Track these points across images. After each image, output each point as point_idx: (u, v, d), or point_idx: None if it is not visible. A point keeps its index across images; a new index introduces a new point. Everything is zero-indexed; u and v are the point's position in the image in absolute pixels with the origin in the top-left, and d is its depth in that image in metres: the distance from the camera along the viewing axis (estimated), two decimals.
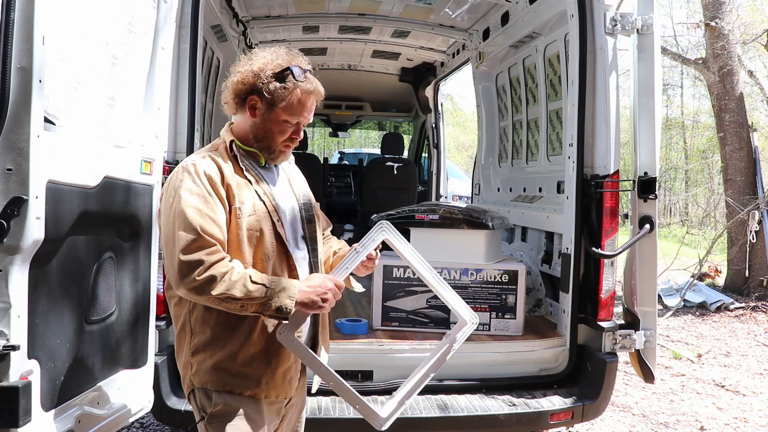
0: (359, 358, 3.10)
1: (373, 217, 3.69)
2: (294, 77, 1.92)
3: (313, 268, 2.06)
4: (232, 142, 1.98)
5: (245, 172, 1.96)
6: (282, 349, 1.94)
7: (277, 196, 2.01)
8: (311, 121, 2.03)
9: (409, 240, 3.52)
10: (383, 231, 2.02)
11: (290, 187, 2.11)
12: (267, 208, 1.94)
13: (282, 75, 1.92)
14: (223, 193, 1.88)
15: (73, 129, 2.13)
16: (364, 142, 18.64)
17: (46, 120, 1.92)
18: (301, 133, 2.02)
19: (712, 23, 8.92)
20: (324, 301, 1.86)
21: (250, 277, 1.79)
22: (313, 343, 2.10)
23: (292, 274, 1.96)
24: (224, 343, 1.90)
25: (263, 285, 1.80)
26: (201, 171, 1.87)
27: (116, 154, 2.41)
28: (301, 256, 2.03)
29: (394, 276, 3.37)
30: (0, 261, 1.81)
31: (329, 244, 2.29)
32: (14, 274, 1.83)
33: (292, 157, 2.18)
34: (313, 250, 2.08)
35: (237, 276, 1.78)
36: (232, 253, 1.87)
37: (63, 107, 2.06)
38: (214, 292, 1.76)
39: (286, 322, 1.87)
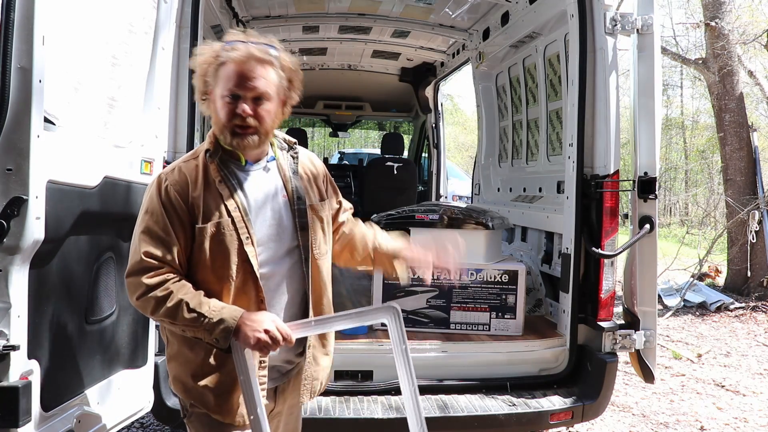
0: (359, 358, 3.10)
1: (373, 217, 3.69)
2: (224, 51, 1.80)
3: (305, 279, 1.92)
4: (207, 151, 1.85)
5: (219, 184, 1.83)
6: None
7: (255, 207, 1.86)
8: (257, 89, 1.78)
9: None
10: (388, 315, 1.88)
11: (284, 190, 1.94)
12: (235, 227, 1.81)
13: (217, 56, 1.81)
14: (185, 211, 1.79)
15: (73, 129, 2.13)
16: (364, 142, 18.65)
17: (46, 120, 1.92)
18: (249, 109, 1.78)
19: (712, 23, 8.92)
20: (259, 343, 1.71)
21: (187, 304, 1.71)
22: (303, 347, 1.98)
23: (259, 295, 1.83)
24: (184, 358, 1.87)
25: (200, 315, 1.72)
26: (164, 187, 1.80)
27: (116, 154, 2.41)
28: (290, 269, 1.90)
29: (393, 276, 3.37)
30: (0, 261, 1.81)
31: (361, 236, 2.17)
32: (14, 274, 1.84)
33: (297, 150, 2.02)
34: (305, 260, 1.92)
35: (173, 302, 1.71)
36: (199, 272, 1.81)
37: (63, 107, 2.06)
38: (150, 315, 1.75)
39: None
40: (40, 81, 1.85)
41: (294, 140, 2.05)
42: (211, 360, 1.83)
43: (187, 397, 1.88)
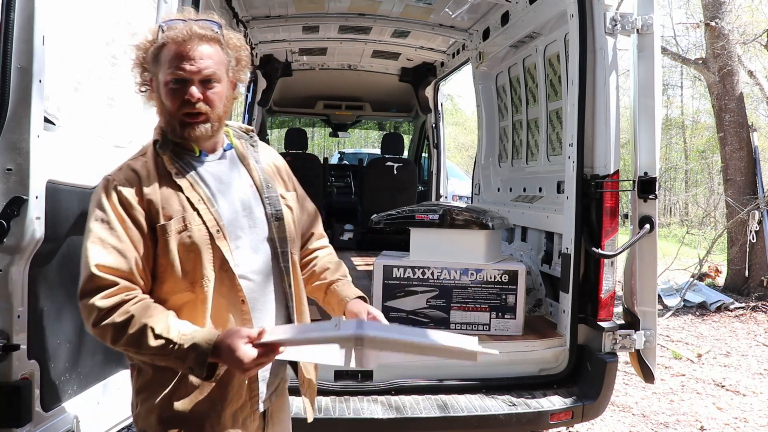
0: None
1: (373, 217, 3.69)
2: (162, 30, 1.62)
3: (284, 274, 1.74)
4: (156, 142, 1.67)
5: (176, 177, 1.63)
6: (231, 383, 1.63)
7: (223, 198, 1.67)
8: (201, 71, 1.60)
9: (408, 240, 3.53)
10: (356, 331, 1.45)
11: (250, 178, 1.76)
12: (202, 219, 1.61)
13: (156, 37, 1.63)
14: (141, 212, 1.57)
15: (73, 129, 2.13)
16: (364, 142, 18.64)
17: (46, 120, 1.92)
18: (197, 93, 1.59)
19: (712, 23, 8.92)
20: (241, 364, 1.48)
21: (153, 330, 1.47)
22: (295, 367, 1.84)
23: (238, 294, 1.63)
24: (165, 381, 1.60)
25: (168, 341, 1.47)
26: (112, 189, 1.58)
27: (116, 154, 2.41)
28: (265, 265, 1.71)
29: (394, 276, 3.37)
30: (0, 261, 1.81)
31: (324, 263, 1.93)
32: (14, 274, 1.84)
33: (255, 139, 1.85)
34: (283, 254, 1.73)
35: (136, 328, 1.47)
36: (167, 278, 1.59)
37: (63, 107, 2.06)
38: (111, 345, 1.50)
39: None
40: (40, 81, 1.85)
41: (251, 128, 1.89)
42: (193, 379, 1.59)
43: (163, 430, 1.61)
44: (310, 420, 1.90)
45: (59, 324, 2.10)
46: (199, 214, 1.61)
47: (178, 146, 1.68)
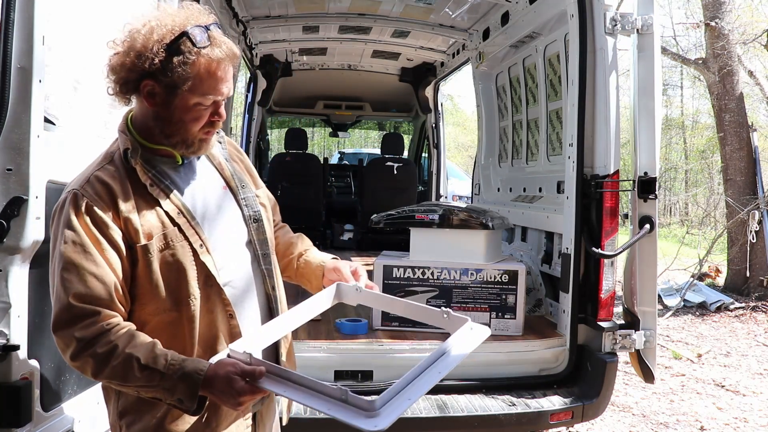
0: (359, 358, 3.10)
1: (373, 217, 3.69)
2: (194, 44, 1.43)
3: (266, 277, 1.66)
4: (126, 151, 1.50)
5: (151, 188, 1.50)
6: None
7: (199, 206, 1.56)
8: (230, 93, 1.53)
9: (408, 240, 3.53)
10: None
11: (222, 179, 1.64)
12: (184, 234, 1.49)
13: (177, 45, 1.43)
14: (117, 231, 1.44)
15: (73, 129, 2.13)
16: (364, 142, 18.64)
17: (46, 120, 1.92)
18: (223, 112, 1.52)
19: (712, 23, 8.92)
20: (236, 401, 1.36)
21: (138, 360, 1.35)
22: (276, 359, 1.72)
23: (227, 308, 1.54)
24: (154, 403, 1.47)
25: (155, 371, 1.36)
26: (82, 206, 1.43)
27: None
28: (248, 270, 1.63)
29: (394, 276, 3.37)
30: (0, 261, 1.81)
31: (286, 240, 1.85)
32: (14, 274, 1.83)
33: (221, 135, 1.70)
34: (264, 255, 1.65)
35: (120, 360, 1.35)
36: (148, 300, 1.47)
37: (63, 107, 2.06)
38: (93, 377, 1.39)
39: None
40: (40, 81, 1.85)
41: None
42: None
43: None
44: (285, 422, 1.86)
45: None
46: (180, 230, 1.50)
47: (148, 152, 1.53)
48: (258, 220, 1.66)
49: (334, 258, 1.82)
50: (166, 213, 1.50)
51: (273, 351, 1.69)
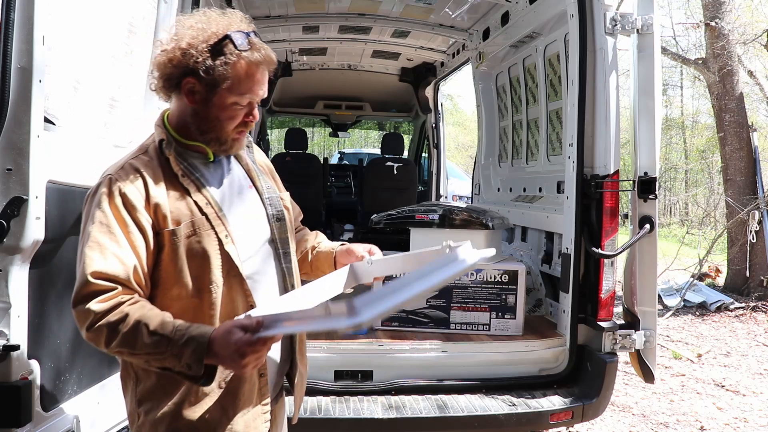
0: (359, 358, 3.10)
1: (373, 217, 3.69)
2: (235, 47, 1.54)
3: (286, 275, 1.73)
4: (162, 141, 1.61)
5: (182, 179, 1.59)
6: (241, 390, 1.59)
7: (227, 200, 1.65)
8: (265, 95, 1.63)
9: (409, 240, 3.53)
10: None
11: (250, 179, 1.74)
12: (211, 224, 1.57)
13: (220, 47, 1.54)
14: (146, 216, 1.51)
15: (73, 129, 2.13)
16: (364, 142, 18.65)
17: (46, 120, 1.92)
18: (257, 113, 1.63)
19: (712, 23, 8.92)
20: (242, 359, 1.37)
21: (147, 326, 1.40)
22: (291, 364, 1.79)
23: (248, 300, 1.60)
24: (171, 389, 1.54)
25: (163, 336, 1.40)
26: (115, 189, 1.51)
27: (116, 154, 2.41)
28: (269, 266, 1.70)
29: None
30: (0, 261, 1.81)
31: (303, 237, 1.94)
32: (14, 274, 1.84)
33: (249, 138, 1.81)
34: (285, 254, 1.73)
35: (130, 326, 1.40)
36: (171, 285, 1.54)
37: (63, 107, 2.07)
38: (105, 347, 1.43)
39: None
40: (40, 81, 1.85)
41: None
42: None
43: None
44: (294, 422, 1.91)
45: (59, 324, 2.10)
46: (207, 219, 1.57)
47: (182, 146, 1.63)
48: (281, 219, 1.74)
49: (343, 243, 1.89)
50: (195, 203, 1.57)
51: (288, 348, 1.77)
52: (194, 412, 1.55)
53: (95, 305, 1.42)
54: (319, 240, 1.96)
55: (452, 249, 1.60)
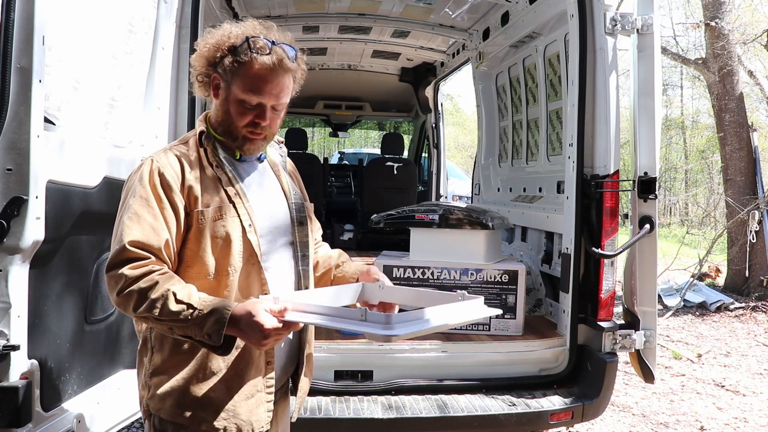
0: (359, 358, 3.10)
1: (373, 217, 3.69)
2: (250, 48, 1.65)
3: (302, 277, 1.81)
4: (201, 133, 1.74)
5: (216, 169, 1.71)
6: (248, 373, 1.68)
7: (255, 197, 1.75)
8: (279, 102, 1.70)
9: (408, 240, 3.53)
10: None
11: (279, 184, 1.86)
12: (237, 212, 1.68)
13: (238, 47, 1.66)
14: (180, 197, 1.63)
15: (73, 129, 2.13)
16: (364, 142, 18.65)
17: (46, 120, 1.92)
18: (267, 118, 1.69)
19: (712, 23, 8.92)
20: (261, 332, 1.47)
21: (175, 295, 1.50)
22: (297, 365, 1.87)
23: (263, 288, 1.69)
24: (182, 364, 1.64)
25: (189, 305, 1.50)
26: (155, 169, 1.64)
27: (116, 154, 2.41)
28: (286, 265, 1.79)
29: (394, 276, 3.37)
30: (0, 261, 1.81)
31: (325, 253, 2.02)
32: (14, 274, 1.84)
33: (284, 149, 1.95)
34: (303, 257, 1.82)
35: (159, 293, 1.50)
36: (193, 263, 1.64)
37: (63, 107, 2.06)
38: (133, 312, 1.52)
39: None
40: (40, 81, 1.85)
41: (282, 139, 1.99)
42: (216, 357, 1.63)
43: (179, 416, 1.64)
44: (294, 419, 1.95)
45: (59, 324, 2.10)
46: (234, 207, 1.68)
47: (218, 142, 1.75)
48: (303, 223, 1.84)
49: (366, 267, 1.96)
50: (225, 191, 1.69)
51: (296, 347, 1.85)
52: (201, 389, 1.64)
53: (128, 271, 1.52)
54: (342, 259, 2.02)
55: (466, 298, 1.75)
